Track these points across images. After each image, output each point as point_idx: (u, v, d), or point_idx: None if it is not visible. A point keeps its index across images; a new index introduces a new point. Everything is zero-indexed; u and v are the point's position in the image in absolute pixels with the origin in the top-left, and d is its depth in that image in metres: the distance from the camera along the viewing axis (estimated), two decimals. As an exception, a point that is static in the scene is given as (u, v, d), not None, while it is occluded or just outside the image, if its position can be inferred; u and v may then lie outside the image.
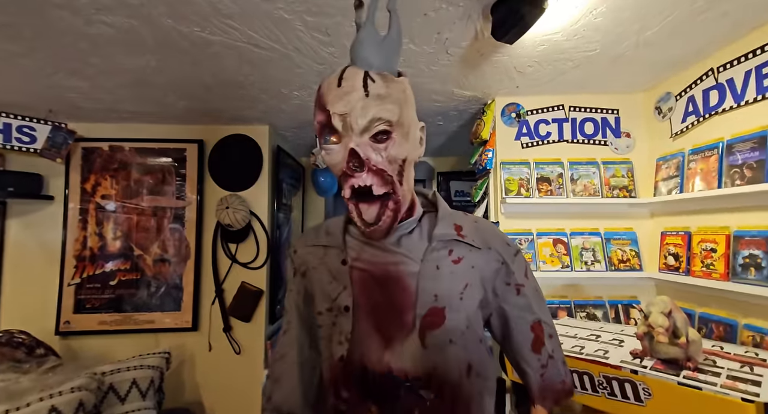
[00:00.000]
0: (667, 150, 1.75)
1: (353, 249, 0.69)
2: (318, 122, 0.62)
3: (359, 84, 0.58)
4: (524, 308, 0.70)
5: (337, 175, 0.62)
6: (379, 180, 0.60)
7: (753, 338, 1.30)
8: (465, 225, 0.70)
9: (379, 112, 0.58)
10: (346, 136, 0.59)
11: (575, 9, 1.20)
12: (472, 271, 0.67)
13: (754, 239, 1.30)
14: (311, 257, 0.74)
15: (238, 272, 2.44)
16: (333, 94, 0.59)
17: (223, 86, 1.78)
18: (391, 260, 0.66)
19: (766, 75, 1.31)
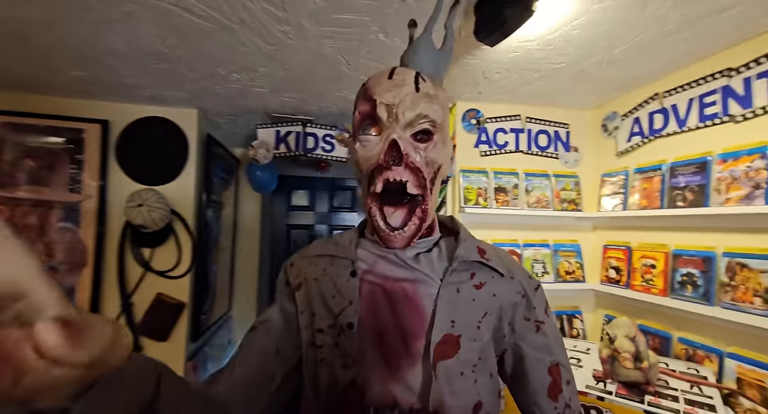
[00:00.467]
0: (612, 167, 1.83)
1: (365, 261, 0.64)
2: (360, 112, 0.60)
3: (411, 79, 0.59)
4: (543, 348, 0.63)
5: (368, 170, 0.59)
6: (414, 178, 0.58)
7: (686, 351, 1.39)
8: (488, 250, 0.65)
9: (426, 109, 0.58)
10: (389, 128, 0.57)
11: (557, 17, 1.13)
12: (493, 299, 0.61)
13: (692, 259, 1.38)
14: (313, 268, 0.66)
15: (153, 282, 2.05)
16: (383, 85, 0.58)
17: (139, 57, 1.42)
18: (409, 276, 0.60)
19: (707, 104, 1.40)
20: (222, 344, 2.74)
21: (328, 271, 0.63)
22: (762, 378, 1.13)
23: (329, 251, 0.66)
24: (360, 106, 0.60)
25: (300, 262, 0.68)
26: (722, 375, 1.24)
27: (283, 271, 0.71)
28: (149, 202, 1.92)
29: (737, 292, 1.21)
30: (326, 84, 1.66)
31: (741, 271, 1.21)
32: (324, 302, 0.61)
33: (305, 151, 2.09)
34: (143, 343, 2.02)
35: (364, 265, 0.63)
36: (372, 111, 0.58)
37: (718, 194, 1.29)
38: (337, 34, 1.23)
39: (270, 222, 3.29)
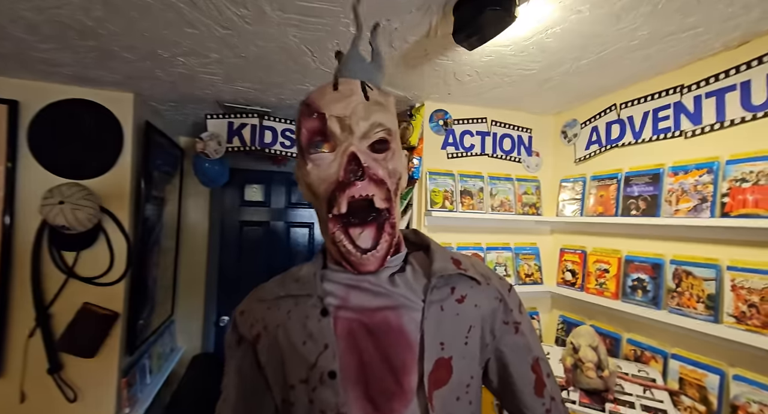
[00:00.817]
0: (570, 173, 1.89)
1: (335, 295, 0.56)
2: (307, 130, 0.54)
3: (358, 88, 0.54)
4: (523, 348, 0.61)
5: (326, 190, 0.53)
6: (380, 191, 0.53)
7: (634, 352, 1.48)
8: (462, 259, 0.62)
9: (380, 117, 0.54)
10: (345, 141, 0.53)
11: (535, 24, 1.11)
12: (476, 310, 0.59)
13: (642, 265, 1.46)
14: (273, 313, 0.57)
15: (78, 290, 1.79)
16: (329, 97, 0.54)
17: (57, 30, 1.18)
18: (389, 304, 0.55)
19: (661, 118, 1.47)
20: (163, 353, 2.50)
21: (293, 313, 0.55)
22: (701, 378, 1.23)
23: (291, 290, 0.57)
24: (306, 124, 0.54)
25: (254, 308, 0.59)
26: (666, 375, 1.33)
27: (231, 325, 0.62)
28: (73, 199, 1.65)
29: (683, 298, 1.29)
30: (288, 75, 1.51)
31: (686, 278, 1.29)
32: (295, 351, 0.53)
33: (262, 146, 1.93)
34: (65, 361, 1.76)
35: (335, 300, 0.55)
36: (322, 126, 0.53)
37: (669, 205, 1.37)
38: (303, 23, 1.10)
39: (220, 218, 3.04)
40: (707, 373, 1.21)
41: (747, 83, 1.19)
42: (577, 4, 1.00)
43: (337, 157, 0.52)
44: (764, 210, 1.09)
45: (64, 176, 1.75)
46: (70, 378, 1.76)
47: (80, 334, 1.78)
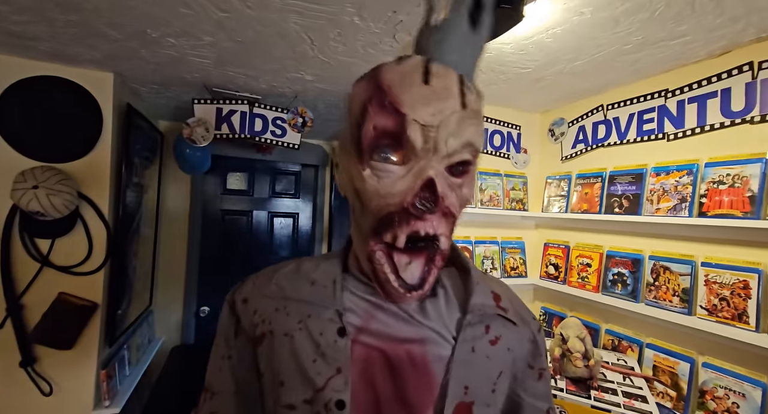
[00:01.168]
0: (556, 170, 1.96)
1: (356, 313, 0.48)
2: (377, 127, 0.41)
3: (455, 88, 0.42)
4: (542, 396, 0.56)
5: (383, 209, 0.42)
6: (447, 228, 0.45)
7: (612, 341, 1.57)
8: (501, 293, 0.55)
9: (473, 135, 0.43)
10: (423, 158, 0.41)
11: (537, 24, 1.13)
12: (508, 354, 0.52)
13: (623, 260, 1.54)
14: (282, 317, 0.49)
15: (53, 279, 1.70)
16: (417, 92, 0.40)
17: (39, 1, 1.10)
18: (416, 336, 0.47)
19: (646, 120, 1.54)
20: (141, 344, 2.43)
21: (306, 325, 0.48)
22: (673, 365, 1.32)
23: (303, 295, 0.50)
24: (376, 117, 0.41)
25: (260, 303, 0.51)
26: (641, 362, 1.42)
27: (228, 310, 0.53)
28: (48, 184, 1.56)
29: (659, 292, 1.38)
30: (284, 62, 1.48)
31: (664, 273, 1.38)
32: (300, 368, 0.46)
33: (252, 134, 1.88)
34: (39, 353, 1.68)
35: (356, 319, 0.48)
36: (399, 130, 0.40)
37: (650, 204, 1.45)
38: (306, 10, 1.08)
39: (201, 207, 2.95)
40: (679, 361, 1.31)
41: (727, 91, 1.27)
42: (581, 6, 1.02)
43: (408, 176, 0.41)
44: (738, 211, 1.17)
45: (37, 159, 1.65)
46: (45, 371, 1.69)
47: (56, 326, 1.70)
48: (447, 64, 0.44)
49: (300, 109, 1.92)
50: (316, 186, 3.23)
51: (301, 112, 1.93)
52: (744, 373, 1.14)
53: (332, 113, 2.19)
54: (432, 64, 0.43)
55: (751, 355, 1.14)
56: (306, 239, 3.23)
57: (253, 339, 0.50)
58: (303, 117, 1.93)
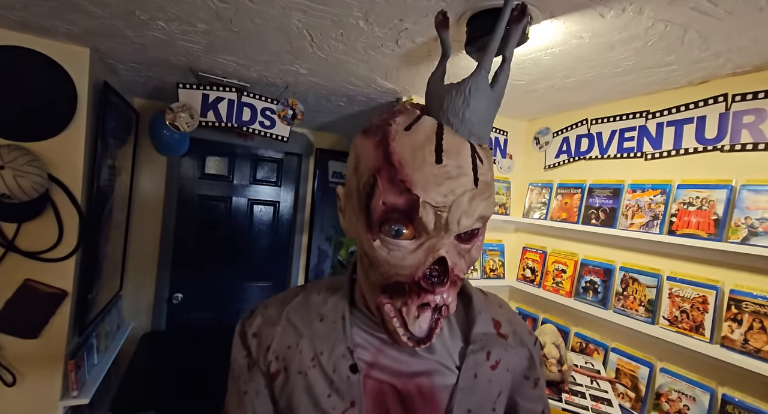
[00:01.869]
0: (539, 178, 2.03)
1: (366, 349, 0.51)
2: (388, 204, 0.41)
3: (468, 165, 0.41)
4: (537, 400, 0.62)
5: (392, 278, 0.43)
6: (455, 293, 0.45)
7: (580, 344, 1.68)
8: (501, 319, 0.59)
9: (485, 209, 0.43)
10: (434, 237, 0.42)
11: (538, 43, 1.15)
12: (506, 374, 0.56)
13: (596, 269, 1.64)
14: (294, 355, 0.51)
15: (18, 265, 1.61)
16: (428, 173, 0.40)
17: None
18: (423, 369, 0.51)
19: (627, 138, 1.62)
20: (110, 331, 2.36)
21: (319, 361, 0.49)
22: (634, 369, 1.44)
23: (315, 331, 0.51)
24: (386, 192, 0.41)
25: (269, 336, 0.52)
26: (606, 365, 1.53)
27: (239, 342, 0.54)
28: (16, 165, 1.47)
29: (627, 301, 1.48)
30: (279, 55, 1.43)
31: (632, 284, 1.48)
32: (315, 403, 0.48)
33: (240, 124, 1.82)
34: (2, 342, 1.61)
35: (366, 355, 0.50)
36: (410, 210, 0.40)
37: (625, 218, 1.54)
38: (311, 8, 1.05)
39: (177, 190, 2.85)
40: (640, 365, 1.42)
41: (703, 118, 1.35)
42: (582, 31, 1.06)
43: (420, 251, 0.42)
44: (703, 232, 1.27)
45: (3, 137, 1.53)
46: (7, 360, 1.61)
47: (21, 313, 1.62)
48: (469, 123, 0.43)
49: (290, 101, 1.88)
50: (299, 175, 3.19)
51: (291, 104, 1.88)
52: (696, 379, 1.27)
53: (321, 105, 2.15)
54: (444, 136, 0.42)
55: (703, 363, 1.26)
56: (286, 228, 3.19)
57: (268, 374, 0.52)
58: (293, 109, 1.89)
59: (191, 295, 2.89)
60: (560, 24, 1.02)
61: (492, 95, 0.46)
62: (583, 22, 1.01)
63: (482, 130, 0.45)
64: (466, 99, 0.43)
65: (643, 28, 1.01)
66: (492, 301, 0.62)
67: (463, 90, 0.44)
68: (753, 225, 1.15)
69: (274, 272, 3.17)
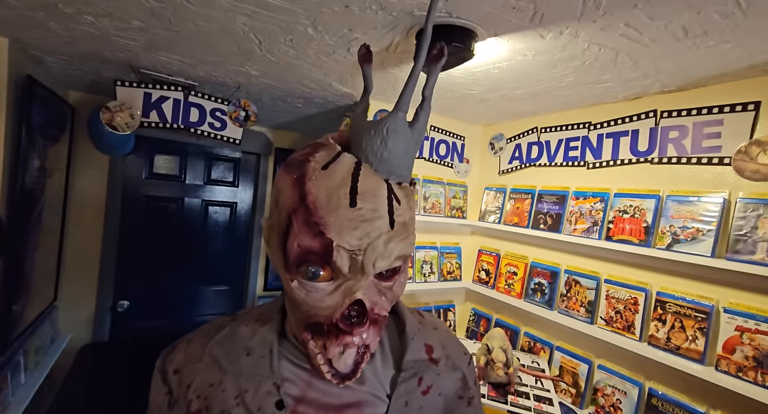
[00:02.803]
0: (494, 182, 2.10)
1: (294, 383, 0.49)
2: (303, 247, 0.41)
3: (384, 207, 0.41)
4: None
5: (311, 318, 0.44)
6: (375, 331, 0.45)
7: (529, 343, 1.76)
8: (434, 344, 0.59)
9: (403, 249, 0.43)
10: (351, 279, 0.42)
11: (485, 58, 1.18)
12: (439, 398, 0.57)
13: (543, 271, 1.73)
14: (216, 394, 0.48)
15: (-74, 283, 1.43)
16: (342, 216, 0.40)
17: None
18: (353, 400, 0.49)
19: (571, 147, 1.71)
20: (42, 345, 2.16)
21: (244, 399, 0.46)
22: (575, 366, 1.53)
23: (240, 367, 0.48)
24: (300, 235, 0.41)
25: (191, 373, 0.49)
26: (551, 363, 1.63)
27: (159, 379, 0.51)
28: None
29: (570, 302, 1.57)
30: (227, 56, 1.36)
31: (575, 285, 1.57)
32: None
33: (187, 125, 1.72)
34: None
35: (294, 389, 0.48)
36: (325, 254, 0.40)
37: (569, 224, 1.63)
38: (256, 14, 1.00)
39: (121, 191, 2.65)
40: (580, 362, 1.52)
41: (636, 132, 1.45)
42: (525, 49, 1.09)
43: (337, 293, 0.42)
44: (635, 238, 1.37)
45: None
46: None
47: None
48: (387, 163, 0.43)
49: (243, 102, 1.80)
50: (257, 175, 3.08)
51: (244, 105, 1.80)
52: (627, 375, 1.37)
53: (278, 105, 2.08)
54: (360, 176, 0.41)
55: (633, 360, 1.37)
56: (244, 230, 3.09)
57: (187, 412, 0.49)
58: (246, 110, 1.81)
59: (138, 302, 2.72)
60: (504, 42, 1.05)
61: (412, 135, 0.46)
62: (525, 42, 1.04)
63: (402, 169, 0.45)
64: (384, 139, 0.43)
65: (580, 49, 1.06)
66: (427, 324, 0.63)
67: (381, 130, 0.43)
68: (676, 232, 1.26)
69: (231, 275, 3.06)
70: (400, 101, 0.46)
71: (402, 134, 0.44)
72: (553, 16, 0.90)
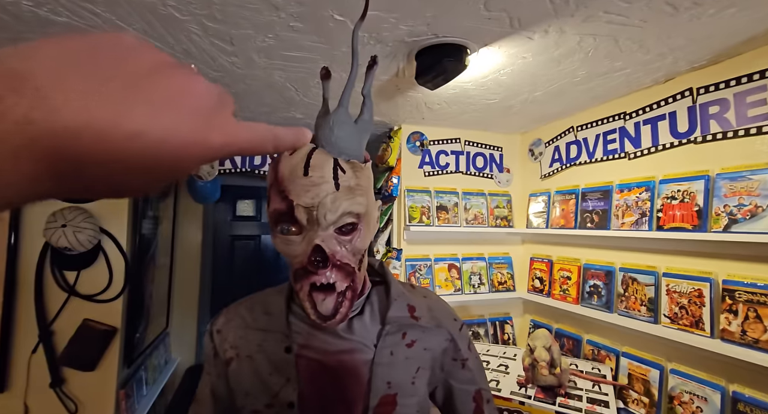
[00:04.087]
0: (537, 188, 2.07)
1: (300, 334, 0.62)
2: (275, 209, 0.54)
3: (329, 175, 0.53)
4: (468, 381, 0.70)
5: (293, 266, 0.56)
6: (342, 275, 0.55)
7: (592, 351, 1.63)
8: (418, 305, 0.68)
9: (349, 206, 0.54)
10: (311, 230, 0.53)
11: (488, 67, 1.28)
12: (424, 353, 0.65)
13: (597, 272, 1.63)
14: (244, 343, 0.64)
15: (78, 307, 1.89)
16: (298, 183, 0.52)
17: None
18: (345, 347, 0.61)
19: (610, 141, 1.65)
20: (158, 365, 2.59)
21: (262, 347, 0.62)
22: (645, 373, 1.38)
23: (260, 324, 0.64)
24: (274, 202, 0.55)
25: (228, 331, 0.66)
26: (618, 371, 1.48)
27: (208, 337, 0.68)
28: (75, 222, 1.77)
29: (629, 302, 1.46)
30: (275, 105, 1.67)
31: (632, 284, 1.46)
32: (260, 381, 0.61)
33: (252, 168, 2.07)
34: (66, 375, 1.86)
35: (300, 339, 0.62)
36: (289, 212, 0.53)
37: (617, 219, 1.54)
38: (287, 67, 1.26)
39: (213, 234, 3.16)
40: (650, 368, 1.37)
41: (673, 114, 1.38)
42: (521, 52, 1.17)
43: (303, 243, 0.54)
44: (688, 224, 1.26)
45: (65, 200, 1.86)
46: (71, 391, 1.85)
47: (81, 349, 1.88)
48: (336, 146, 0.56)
49: (295, 143, 2.11)
50: (319, 209, 3.40)
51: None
52: (704, 378, 1.20)
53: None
54: (313, 155, 0.54)
55: (709, 360, 1.20)
56: (311, 260, 3.37)
57: (225, 361, 0.64)
58: (298, 149, 2.12)
59: (228, 329, 3.10)
60: (497, 50, 1.15)
61: (357, 124, 0.59)
62: (517, 46, 1.13)
63: (350, 150, 0.57)
64: (331, 128, 0.56)
65: (574, 42, 1.11)
66: (416, 293, 0.72)
67: (329, 121, 0.57)
68: (732, 212, 1.14)
69: (303, 302, 3.33)
70: (342, 98, 0.61)
71: (345, 122, 0.58)
72: (530, 18, 0.98)
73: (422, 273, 1.90)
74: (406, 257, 1.92)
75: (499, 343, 1.98)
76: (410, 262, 1.91)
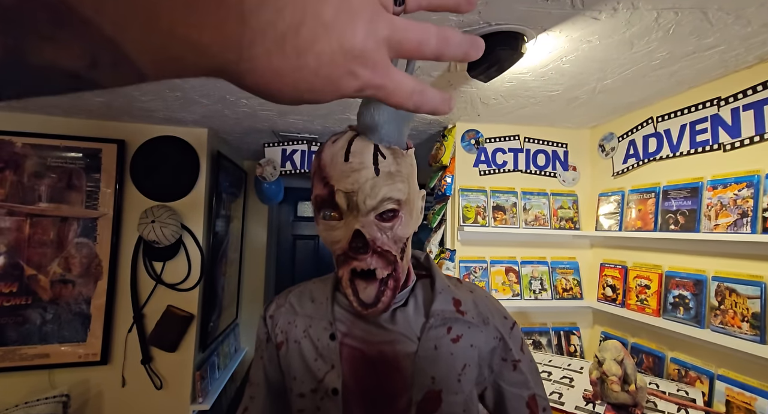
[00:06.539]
0: (608, 187, 1.87)
1: (343, 322, 0.63)
2: (317, 195, 0.56)
3: (369, 161, 0.53)
4: (520, 384, 0.65)
5: (335, 252, 0.57)
6: (383, 262, 0.55)
7: (678, 371, 1.42)
8: (463, 299, 0.65)
9: (389, 192, 0.54)
10: (350, 216, 0.54)
11: (548, 54, 1.19)
12: (471, 350, 0.62)
13: (683, 281, 1.42)
14: (293, 329, 0.66)
15: (163, 295, 2.13)
16: (339, 169, 0.53)
17: (155, 86, 1.51)
18: (387, 339, 0.61)
19: (699, 131, 1.44)
20: (229, 352, 2.82)
21: (309, 333, 0.64)
22: (750, 401, 1.17)
23: (307, 310, 0.66)
24: (317, 188, 0.56)
25: (279, 316, 0.68)
26: (712, 397, 1.27)
27: (262, 322, 0.71)
28: (162, 218, 2.01)
29: (726, 316, 1.24)
30: (330, 108, 1.73)
31: (730, 295, 1.25)
32: (306, 366, 0.62)
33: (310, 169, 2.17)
34: (153, 354, 2.10)
35: (343, 327, 0.63)
36: (330, 197, 0.54)
37: (708, 220, 1.33)
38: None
39: (276, 233, 3.38)
40: (756, 396, 1.15)
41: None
42: (586, 35, 1.08)
43: (344, 228, 0.54)
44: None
45: (155, 199, 2.12)
46: (157, 369, 2.09)
47: (165, 332, 2.12)
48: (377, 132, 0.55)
49: (351, 145, 2.17)
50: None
51: (352, 147, 2.17)
52: (831, 414, 0.98)
53: (382, 145, 2.40)
54: (354, 142, 0.54)
55: (838, 392, 0.98)
56: (367, 261, 3.44)
57: (276, 345, 0.67)
58: (354, 151, 2.18)
59: (290, 323, 3.28)
60: (558, 34, 1.07)
61: (397, 111, 0.56)
62: (581, 29, 1.04)
63: (389, 136, 0.56)
64: (372, 115, 0.55)
65: (651, 19, 0.99)
66: (462, 287, 0.69)
67: (370, 108, 0.55)
68: None
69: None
70: None
71: (386, 110, 0.56)
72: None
73: (477, 275, 1.83)
74: (460, 258, 1.86)
75: (564, 354, 1.83)
76: (464, 264, 1.85)
